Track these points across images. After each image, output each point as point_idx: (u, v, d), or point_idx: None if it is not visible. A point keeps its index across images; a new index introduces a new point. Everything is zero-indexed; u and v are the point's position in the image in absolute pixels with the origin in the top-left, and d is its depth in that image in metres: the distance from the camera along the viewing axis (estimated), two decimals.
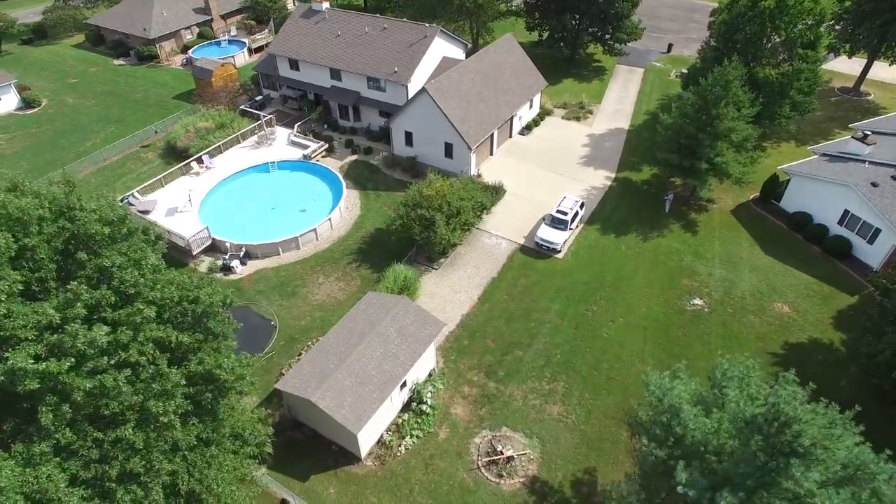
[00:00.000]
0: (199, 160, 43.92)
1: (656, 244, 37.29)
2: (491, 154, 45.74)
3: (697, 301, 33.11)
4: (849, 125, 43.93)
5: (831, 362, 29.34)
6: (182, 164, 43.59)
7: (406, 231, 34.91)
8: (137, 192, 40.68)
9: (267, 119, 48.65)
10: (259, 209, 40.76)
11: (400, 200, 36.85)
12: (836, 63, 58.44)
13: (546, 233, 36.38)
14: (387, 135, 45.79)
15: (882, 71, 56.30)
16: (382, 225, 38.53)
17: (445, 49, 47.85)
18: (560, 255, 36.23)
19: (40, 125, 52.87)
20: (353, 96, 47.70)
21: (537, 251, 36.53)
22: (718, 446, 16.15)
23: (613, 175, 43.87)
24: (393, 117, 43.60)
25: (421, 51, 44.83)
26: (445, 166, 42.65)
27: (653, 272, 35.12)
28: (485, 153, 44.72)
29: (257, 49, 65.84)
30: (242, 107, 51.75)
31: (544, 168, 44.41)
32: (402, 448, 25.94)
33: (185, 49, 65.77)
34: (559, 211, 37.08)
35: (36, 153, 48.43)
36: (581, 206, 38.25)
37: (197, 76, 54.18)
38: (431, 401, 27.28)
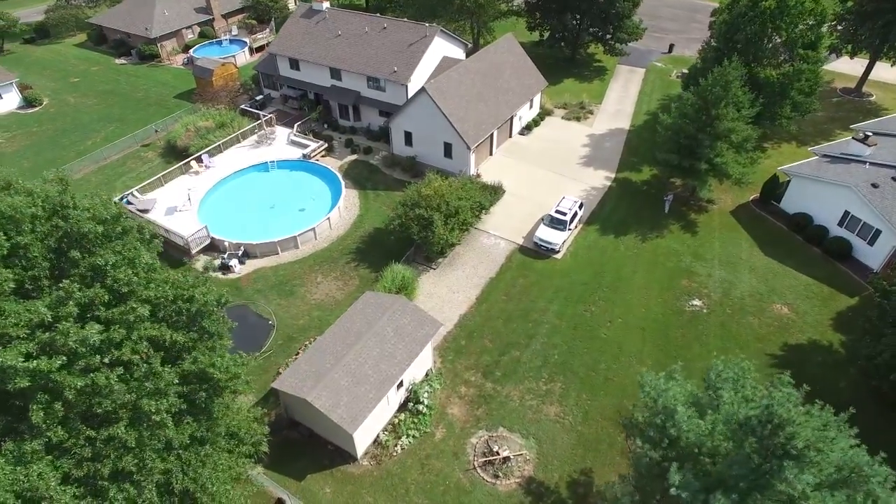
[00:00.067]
0: (199, 159, 43.96)
1: (655, 245, 37.17)
2: (490, 154, 45.67)
3: (696, 302, 33.00)
4: (850, 126, 43.72)
5: (830, 364, 29.20)
6: (182, 163, 43.63)
7: (404, 231, 34.88)
8: (137, 191, 40.74)
9: (267, 118, 48.67)
10: (258, 208, 40.76)
11: (398, 200, 36.83)
12: (838, 64, 58.19)
13: (545, 233, 36.30)
14: (386, 134, 45.77)
15: (884, 72, 56.03)
16: (381, 224, 38.51)
17: (445, 49, 47.80)
18: (559, 256, 36.15)
19: (41, 124, 52.99)
20: (353, 96, 47.69)
21: (536, 251, 36.46)
22: (713, 448, 16.09)
23: (613, 175, 43.76)
24: (392, 117, 43.57)
25: (421, 50, 44.79)
26: (445, 166, 42.60)
27: (652, 273, 35.01)
28: (484, 153, 44.65)
29: (258, 48, 65.87)
30: (243, 106, 51.78)
31: (544, 168, 44.32)
32: (399, 448, 25.90)
33: (187, 48, 65.89)
34: (558, 211, 37.00)
35: (37, 152, 48.54)
36: (580, 207, 38.16)
37: (198, 75, 54.26)
38: (428, 401, 27.24)
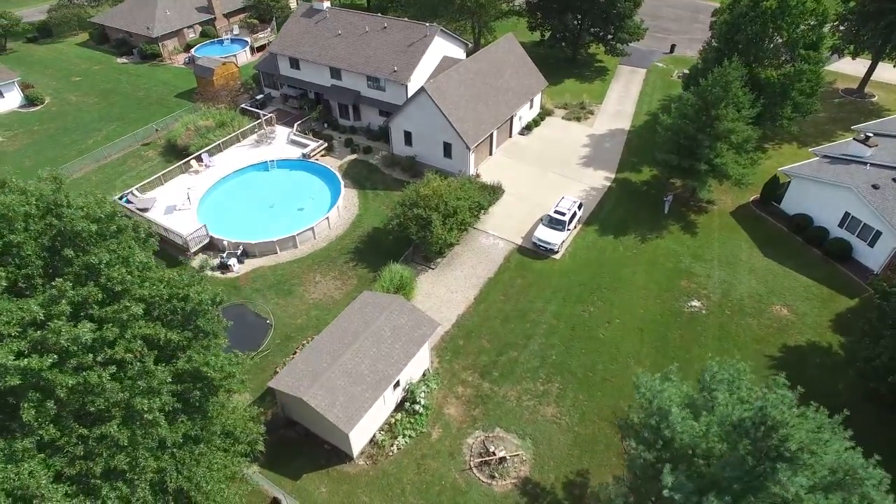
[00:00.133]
0: (199, 158, 44.02)
1: (655, 245, 37.05)
2: (490, 154, 45.61)
3: (695, 303, 32.88)
4: (851, 127, 43.52)
5: (829, 366, 29.06)
6: (181, 163, 43.69)
7: (403, 231, 34.85)
8: (137, 190, 40.83)
9: (267, 118, 48.70)
10: (257, 208, 40.78)
11: (397, 200, 36.80)
12: (841, 64, 57.96)
13: (543, 233, 36.22)
14: (386, 134, 45.75)
15: (886, 72, 55.82)
16: (380, 224, 38.48)
17: (446, 48, 47.75)
18: (557, 256, 36.07)
19: (43, 123, 53.14)
20: (353, 95, 47.68)
21: (535, 252, 36.38)
22: (707, 450, 16.00)
23: (613, 176, 43.65)
24: (392, 116, 43.54)
25: (420, 50, 44.74)
26: (444, 166, 42.56)
27: (651, 273, 34.89)
28: (484, 153, 44.59)
29: (259, 48, 65.95)
30: (243, 105, 51.83)
31: (544, 168, 44.24)
32: (395, 448, 25.87)
33: (188, 48, 66.02)
34: (557, 211, 36.92)
35: (38, 150, 48.67)
36: (579, 207, 38.07)
37: (198, 75, 54.34)
38: (425, 401, 27.20)
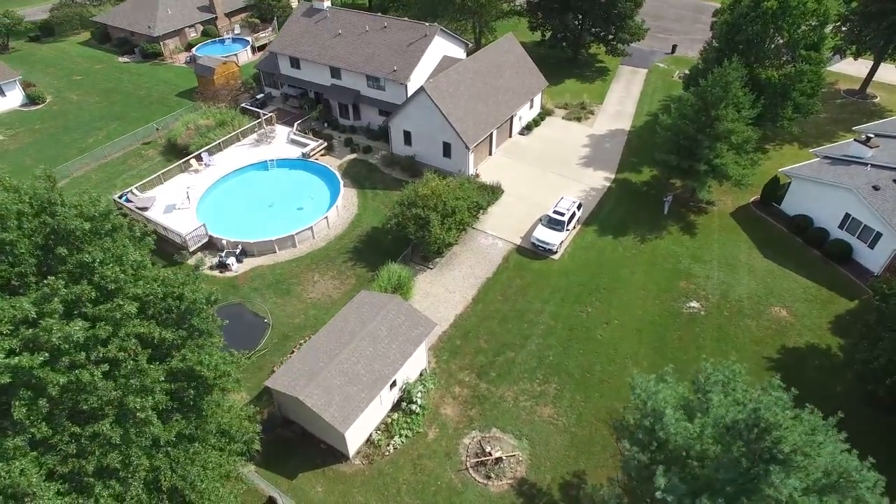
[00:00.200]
0: (199, 157, 44.07)
1: (654, 246, 36.95)
2: (490, 154, 45.56)
3: (694, 304, 32.78)
4: (853, 128, 43.34)
5: (828, 368, 28.93)
6: (181, 162, 43.75)
7: (401, 230, 34.82)
8: (136, 189, 40.90)
9: (267, 117, 48.74)
10: (257, 207, 40.80)
11: (396, 199, 36.78)
12: (843, 65, 57.75)
13: (542, 233, 36.15)
14: (386, 134, 45.74)
15: (889, 73, 55.58)
16: (379, 224, 38.44)
17: (446, 48, 47.71)
18: (556, 256, 36.00)
19: (44, 121, 53.27)
20: (353, 95, 47.68)
21: (533, 252, 36.31)
22: (701, 452, 15.94)
23: (613, 176, 43.55)
24: (391, 116, 43.51)
25: (420, 50, 44.71)
26: (444, 166, 42.52)
27: (650, 274, 34.79)
28: (484, 153, 44.54)
29: (260, 47, 66.00)
30: (243, 105, 51.88)
31: (543, 168, 44.17)
32: (391, 447, 25.84)
33: (189, 47, 66.15)
34: (556, 211, 36.85)
35: (39, 149, 48.78)
36: (578, 207, 37.99)
37: (199, 74, 54.41)
38: (421, 401, 27.17)
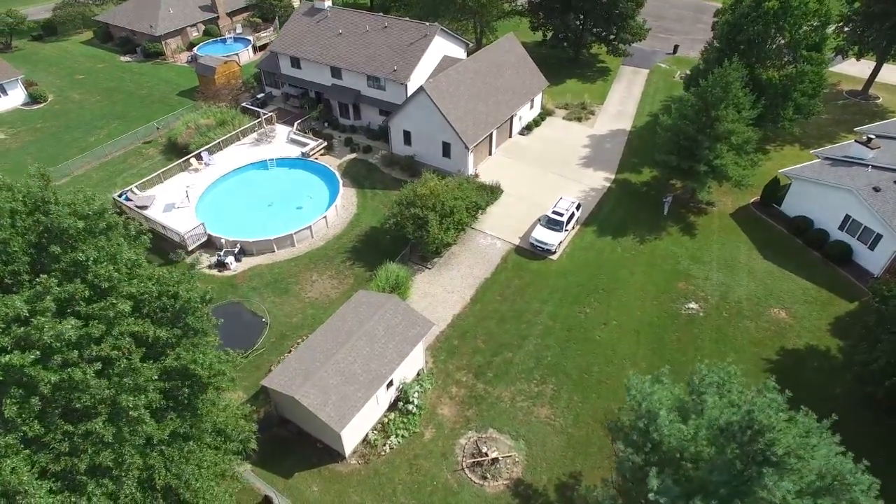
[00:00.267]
0: (199, 157, 44.13)
1: (653, 247, 36.84)
2: (490, 154, 45.50)
3: (693, 305, 32.67)
4: (854, 129, 43.17)
5: (827, 370, 28.79)
6: (181, 161, 43.81)
7: (400, 230, 34.80)
8: (136, 188, 40.98)
9: (267, 117, 48.78)
10: (256, 206, 40.82)
11: (394, 199, 36.75)
12: (845, 66, 57.49)
13: (541, 234, 36.09)
14: (386, 133, 45.72)
15: (892, 74, 55.29)
16: (378, 224, 38.40)
17: (446, 48, 47.67)
18: (555, 257, 35.92)
19: (45, 120, 53.41)
20: (353, 94, 47.68)
21: (532, 252, 36.25)
22: (695, 453, 15.86)
23: (613, 176, 43.45)
24: (391, 116, 43.49)
25: (420, 49, 44.68)
26: (443, 165, 42.48)
27: (649, 275, 34.69)
28: (483, 153, 44.49)
29: (262, 47, 66.06)
30: (244, 104, 51.93)
31: (543, 168, 44.09)
32: (387, 447, 25.82)
33: (191, 46, 66.25)
34: (555, 212, 36.78)
35: (40, 148, 48.92)
36: (577, 208, 37.91)
37: (200, 73, 54.49)
38: (418, 401, 27.14)
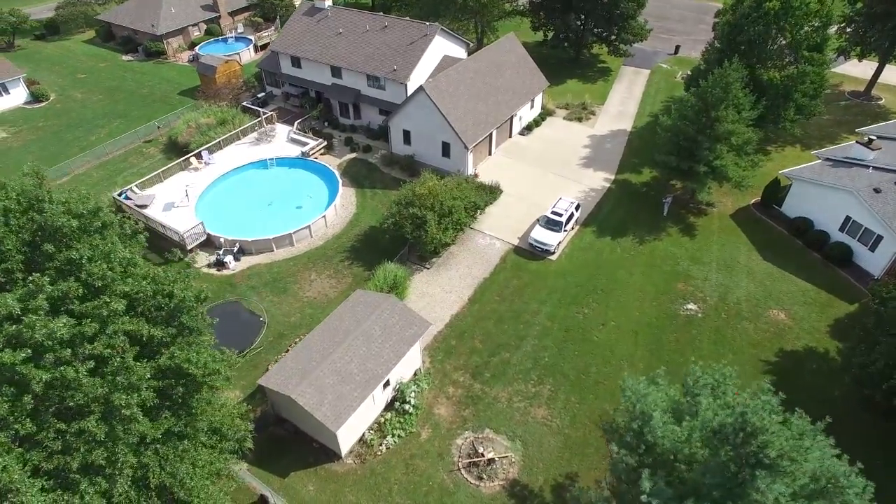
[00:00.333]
0: (199, 156, 44.19)
1: (653, 247, 36.73)
2: (490, 154, 45.43)
3: (691, 306, 32.56)
4: (856, 130, 42.99)
5: (825, 371, 28.66)
6: (181, 160, 43.88)
7: (398, 230, 34.77)
8: (136, 187, 41.06)
9: (267, 116, 48.82)
10: (256, 205, 40.83)
11: (393, 199, 36.73)
12: (848, 66, 57.23)
13: (540, 234, 36.01)
14: (386, 133, 45.71)
15: (894, 75, 55.00)
16: (377, 223, 38.36)
17: (446, 48, 47.63)
18: (554, 257, 35.85)
19: (47, 119, 53.58)
20: (354, 94, 47.68)
21: (531, 252, 36.18)
22: (689, 455, 15.80)
23: (612, 177, 43.34)
24: (391, 115, 43.46)
25: (420, 49, 44.64)
26: (443, 165, 42.44)
27: (648, 276, 34.59)
28: (483, 153, 44.43)
29: (263, 46, 66.13)
30: (244, 103, 51.97)
31: (543, 169, 44.01)
32: (384, 447, 25.80)
33: (193, 46, 66.34)
34: (554, 212, 36.70)
35: (41, 147, 49.07)
36: (577, 208, 37.83)
37: (201, 72, 54.57)
38: (415, 401, 27.11)
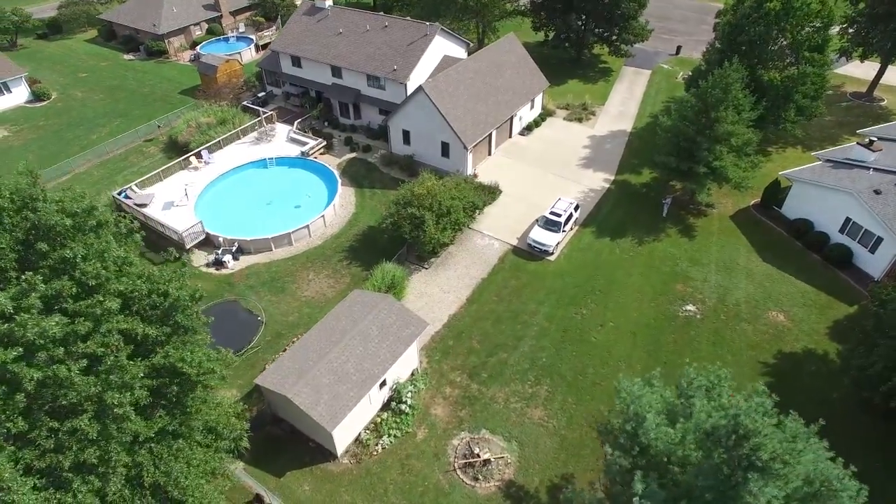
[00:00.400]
0: (199, 155, 44.24)
1: (652, 248, 36.63)
2: (489, 154, 45.38)
3: (690, 307, 32.46)
4: (857, 131, 42.80)
5: (824, 374, 28.53)
6: (181, 159, 43.93)
7: (396, 230, 34.74)
8: (136, 186, 41.12)
9: (267, 115, 48.85)
10: (255, 205, 40.85)
11: (392, 199, 36.71)
12: (850, 67, 57.00)
13: (539, 234, 35.95)
14: (385, 133, 45.70)
15: None
16: (376, 223, 38.36)
17: (446, 48, 47.59)
18: (552, 258, 35.78)
19: (48, 118, 53.70)
20: (354, 94, 47.67)
21: (529, 253, 36.12)
22: (682, 457, 15.73)
23: (612, 177, 43.24)
24: (390, 115, 43.44)
25: (420, 49, 44.61)
26: (442, 165, 42.41)
27: (647, 277, 34.49)
28: (483, 153, 44.37)
29: (264, 46, 66.16)
30: (245, 103, 52.03)
31: (543, 169, 43.93)
32: (380, 447, 25.77)
33: (194, 45, 66.44)
34: (553, 213, 36.63)
35: (42, 145, 49.19)
36: (576, 209, 37.75)
37: (202, 72, 54.64)
38: (411, 401, 27.07)
